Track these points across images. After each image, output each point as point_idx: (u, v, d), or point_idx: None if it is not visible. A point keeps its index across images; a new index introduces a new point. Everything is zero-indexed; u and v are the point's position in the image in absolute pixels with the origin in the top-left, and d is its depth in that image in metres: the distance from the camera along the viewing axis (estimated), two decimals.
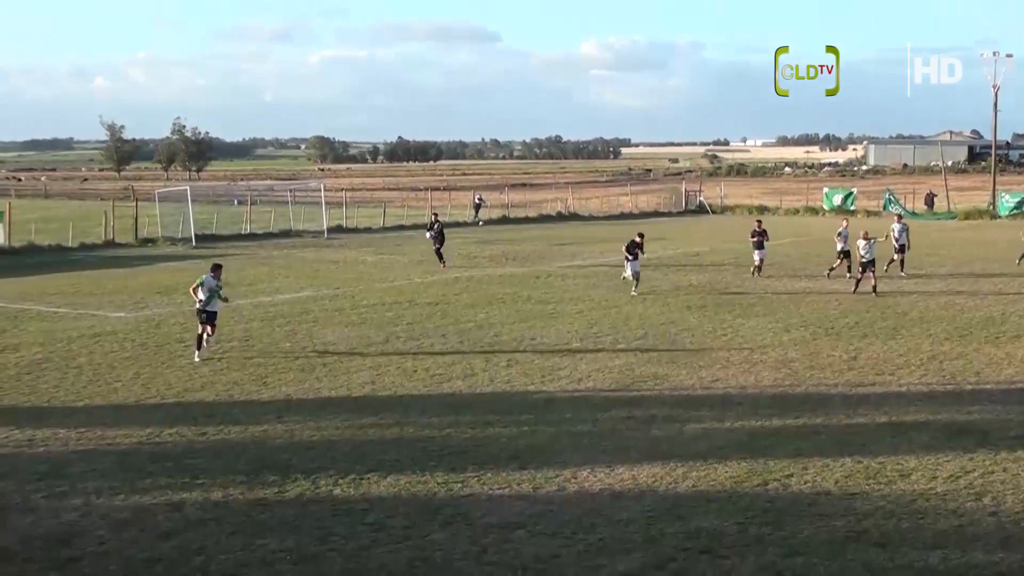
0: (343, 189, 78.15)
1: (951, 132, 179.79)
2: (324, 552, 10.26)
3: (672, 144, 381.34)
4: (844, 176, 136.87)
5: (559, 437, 14.36)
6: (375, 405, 16.30)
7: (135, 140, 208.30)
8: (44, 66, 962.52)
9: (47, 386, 17.65)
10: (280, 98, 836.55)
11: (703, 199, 73.52)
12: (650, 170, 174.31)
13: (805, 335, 22.14)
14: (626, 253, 28.98)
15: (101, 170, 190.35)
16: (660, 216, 66.62)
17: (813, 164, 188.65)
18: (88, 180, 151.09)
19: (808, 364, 19.14)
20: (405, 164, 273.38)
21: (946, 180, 73.81)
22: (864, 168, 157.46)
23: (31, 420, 15.34)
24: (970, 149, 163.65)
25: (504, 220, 62.35)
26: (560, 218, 65.36)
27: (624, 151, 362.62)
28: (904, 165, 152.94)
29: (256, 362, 19.56)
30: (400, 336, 22.19)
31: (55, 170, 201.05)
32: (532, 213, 66.06)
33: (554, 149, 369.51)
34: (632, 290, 28.36)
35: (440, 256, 36.03)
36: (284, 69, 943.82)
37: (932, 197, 68.28)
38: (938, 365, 19.02)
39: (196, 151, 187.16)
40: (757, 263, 32.62)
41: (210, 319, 19.90)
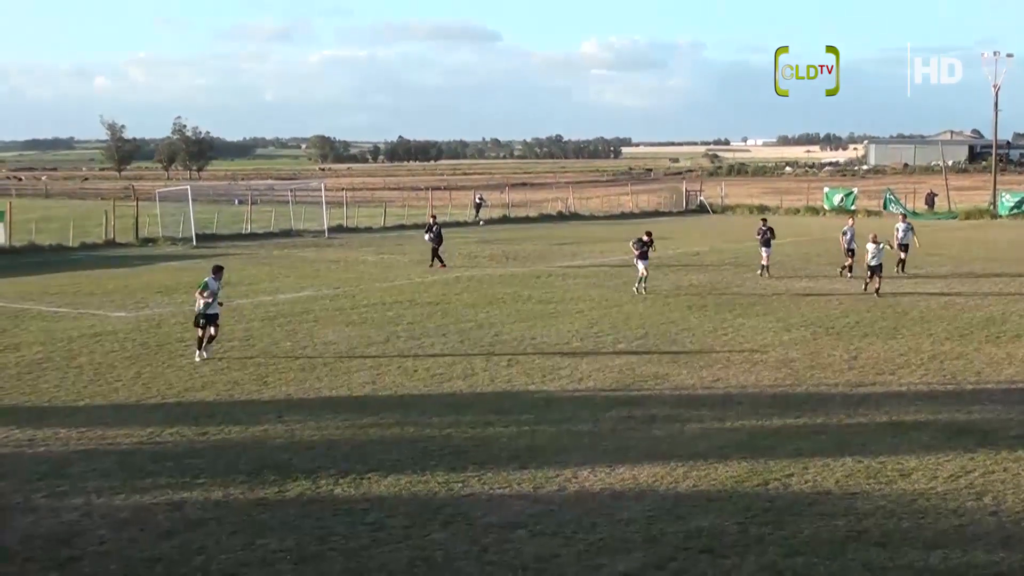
0: (344, 189, 78.23)
1: (952, 132, 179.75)
2: (324, 552, 10.27)
3: (673, 144, 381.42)
4: (845, 176, 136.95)
5: (560, 437, 14.36)
6: (376, 405, 16.30)
7: (136, 140, 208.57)
8: (45, 66, 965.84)
9: (48, 386, 17.66)
10: (281, 98, 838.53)
11: (704, 199, 73.50)
12: (651, 170, 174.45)
13: (806, 335, 22.14)
14: (635, 252, 28.73)
15: (102, 170, 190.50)
16: (661, 216, 66.58)
17: (814, 164, 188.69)
18: (89, 180, 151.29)
19: (809, 364, 19.14)
20: (406, 164, 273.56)
21: (947, 180, 73.84)
22: (865, 168, 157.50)
23: (32, 420, 15.35)
24: (971, 149, 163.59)
25: (505, 220, 62.35)
26: (561, 218, 65.35)
27: (625, 151, 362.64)
28: (905, 165, 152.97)
29: (257, 362, 19.57)
30: (401, 336, 22.19)
31: (56, 170, 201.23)
32: (533, 213, 66.09)
33: (555, 149, 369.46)
34: (641, 290, 28.15)
35: (439, 257, 36.05)
36: (285, 69, 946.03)
37: (933, 197, 68.33)
38: (938, 365, 19.02)
39: (197, 151, 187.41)
40: (765, 262, 32.50)
41: (211, 320, 19.88)
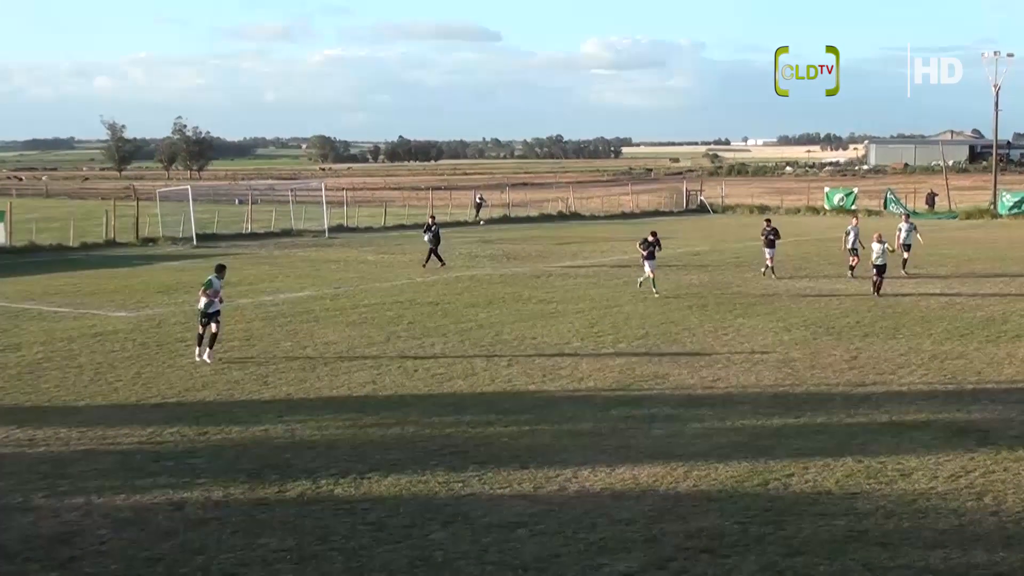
0: (344, 188, 78.11)
1: (952, 131, 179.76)
2: (325, 551, 10.26)
3: (673, 143, 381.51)
4: (845, 176, 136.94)
5: (560, 436, 14.36)
6: (376, 404, 16.31)
7: (136, 139, 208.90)
8: (45, 66, 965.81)
9: (48, 385, 17.66)
10: (281, 97, 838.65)
11: (704, 199, 73.52)
12: (651, 169, 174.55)
13: (806, 335, 22.14)
14: (642, 252, 28.49)
15: (102, 169, 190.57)
16: (661, 215, 66.54)
17: (814, 163, 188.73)
18: (89, 179, 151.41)
19: (809, 364, 19.13)
20: (406, 163, 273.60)
21: (947, 179, 73.85)
22: (865, 167, 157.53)
23: (32, 419, 15.35)
24: (971, 148, 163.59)
25: (505, 219, 62.34)
26: (561, 217, 65.35)
27: (625, 150, 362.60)
28: (905, 164, 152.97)
29: (257, 361, 19.57)
30: (401, 335, 22.19)
31: (56, 169, 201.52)
32: (533, 212, 66.11)
33: (555, 148, 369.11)
34: (651, 288, 28.01)
35: (439, 256, 36.07)
36: (285, 68, 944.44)
37: (933, 196, 68.34)
38: (939, 365, 19.01)
39: (197, 150, 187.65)
40: (769, 263, 32.41)
41: (212, 318, 19.86)
